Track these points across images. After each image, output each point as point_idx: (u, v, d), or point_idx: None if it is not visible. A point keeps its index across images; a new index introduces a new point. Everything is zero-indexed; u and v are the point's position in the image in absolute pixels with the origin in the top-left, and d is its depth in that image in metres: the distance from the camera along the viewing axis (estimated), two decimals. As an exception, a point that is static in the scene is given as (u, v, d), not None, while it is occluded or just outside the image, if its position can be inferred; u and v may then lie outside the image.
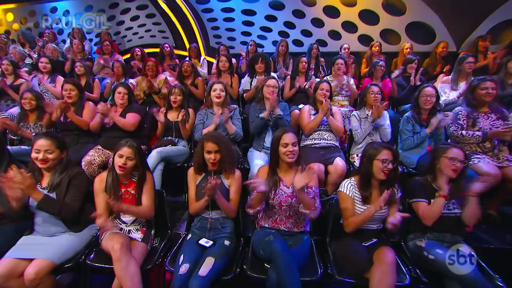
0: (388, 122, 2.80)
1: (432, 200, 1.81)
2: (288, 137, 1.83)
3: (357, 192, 1.85)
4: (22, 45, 5.19)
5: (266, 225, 1.91)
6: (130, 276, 1.56)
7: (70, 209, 1.77)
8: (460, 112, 2.52)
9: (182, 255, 1.70)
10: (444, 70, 4.14)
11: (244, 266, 1.78)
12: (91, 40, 6.01)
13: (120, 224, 1.88)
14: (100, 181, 1.85)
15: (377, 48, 4.59)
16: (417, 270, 1.72)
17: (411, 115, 2.71)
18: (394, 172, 1.77)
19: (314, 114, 2.84)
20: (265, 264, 1.74)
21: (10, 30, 6.56)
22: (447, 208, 1.80)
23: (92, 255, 1.82)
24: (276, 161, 1.89)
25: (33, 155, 1.77)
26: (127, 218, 1.89)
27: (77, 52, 4.63)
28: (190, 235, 1.93)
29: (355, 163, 2.73)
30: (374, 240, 1.83)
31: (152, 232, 1.98)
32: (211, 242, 1.83)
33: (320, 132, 2.77)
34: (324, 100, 2.69)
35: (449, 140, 2.72)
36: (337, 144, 2.80)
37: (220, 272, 1.66)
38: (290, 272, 1.50)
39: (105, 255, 1.75)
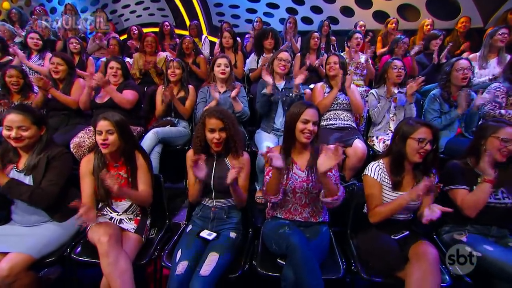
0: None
1: (474, 187, 1.53)
2: (310, 113, 1.54)
3: (386, 176, 1.58)
4: (12, 23, 4.86)
5: (279, 215, 1.66)
6: (120, 273, 1.32)
7: (45, 194, 1.52)
8: (498, 89, 2.21)
9: (180, 250, 1.46)
10: (462, 47, 3.78)
11: (254, 262, 1.54)
12: (86, 19, 5.65)
13: (111, 212, 1.63)
14: (86, 163, 1.60)
15: (393, 25, 4.22)
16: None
17: (438, 93, 2.40)
18: (432, 154, 1.49)
19: (328, 92, 2.54)
20: (278, 260, 1.49)
21: (0, 10, 6.20)
22: (495, 197, 1.52)
23: (78, 248, 1.59)
24: (290, 140, 1.61)
25: (4, 132, 1.50)
26: (118, 206, 1.64)
27: (70, 30, 4.31)
28: (190, 226, 1.68)
29: (374, 146, 2.45)
30: (405, 232, 1.56)
31: (148, 222, 1.73)
32: (214, 234, 1.58)
33: (336, 112, 2.48)
34: (337, 74, 2.42)
35: (481, 121, 2.42)
36: (354, 124, 2.53)
37: (226, 270, 1.41)
38: (311, 271, 1.25)
39: (93, 247, 1.49)
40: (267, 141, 2.24)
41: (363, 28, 4.33)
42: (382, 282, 1.45)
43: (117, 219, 1.61)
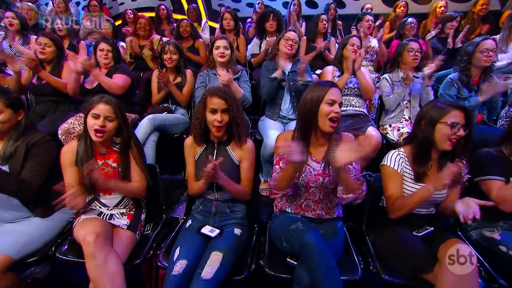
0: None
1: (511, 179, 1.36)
2: (336, 93, 1.32)
3: (408, 166, 1.41)
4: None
5: (289, 210, 1.49)
6: (109, 277, 1.15)
7: (26, 187, 1.34)
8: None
9: (179, 247, 1.29)
10: (482, 31, 3.56)
11: (261, 262, 1.37)
12: (78, 3, 5.37)
13: (100, 207, 1.46)
14: (68, 152, 1.40)
15: (403, 8, 3.98)
16: (490, 269, 1.30)
17: (456, 77, 2.21)
18: (464, 141, 1.31)
19: (339, 76, 2.35)
20: (288, 259, 1.33)
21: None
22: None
23: (65, 246, 1.42)
24: (308, 127, 1.37)
25: None
26: (108, 199, 1.46)
27: (60, 13, 4.04)
28: (190, 221, 1.50)
29: (388, 135, 2.27)
30: (429, 228, 1.40)
31: (143, 216, 1.56)
32: (217, 231, 1.41)
33: (347, 97, 2.30)
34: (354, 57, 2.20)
35: (506, 109, 2.24)
36: (366, 111, 2.35)
37: (230, 270, 1.25)
38: (330, 274, 1.09)
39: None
40: (273, 129, 2.05)
41: (370, 11, 4.09)
42: (405, 284, 1.29)
43: (107, 215, 1.43)
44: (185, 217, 1.66)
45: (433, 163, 1.39)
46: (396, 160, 1.42)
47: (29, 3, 3.76)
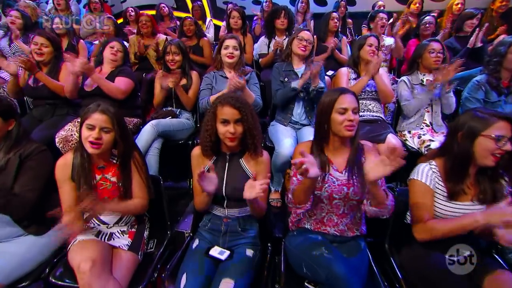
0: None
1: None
2: (347, 100, 1.23)
3: (440, 182, 1.26)
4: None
5: (307, 226, 1.35)
6: (108, 310, 1.02)
7: (22, 203, 1.22)
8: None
9: (185, 274, 1.15)
10: (498, 31, 3.38)
11: (277, 286, 1.24)
12: (79, 1, 5.24)
13: (99, 225, 1.32)
14: (63, 166, 1.26)
15: (417, 5, 3.80)
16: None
17: (484, 79, 2.05)
18: (509, 156, 1.16)
19: (355, 79, 2.20)
20: (306, 284, 1.20)
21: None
22: None
23: (60, 269, 1.28)
24: (324, 135, 1.29)
25: None
26: (108, 216, 1.33)
27: (60, 11, 3.91)
28: (197, 241, 1.36)
29: (407, 142, 2.12)
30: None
31: (146, 233, 1.43)
32: (227, 253, 1.27)
33: (364, 102, 2.15)
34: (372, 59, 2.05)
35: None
36: (383, 116, 2.19)
37: (243, 299, 1.12)
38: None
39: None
40: (286, 137, 1.90)
41: (382, 8, 3.91)
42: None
43: (107, 234, 1.30)
44: (191, 234, 1.53)
45: (469, 180, 1.24)
46: (428, 175, 1.27)
47: (29, 2, 3.63)
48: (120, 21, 4.85)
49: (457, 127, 1.22)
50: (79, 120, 1.97)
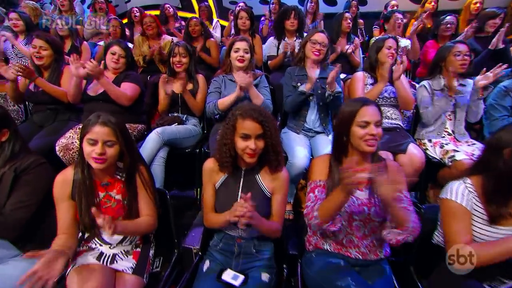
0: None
1: None
2: (369, 112, 1.13)
3: (478, 204, 1.13)
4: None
5: (327, 247, 1.23)
6: None
7: (10, 223, 1.11)
8: None
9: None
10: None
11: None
12: (83, 1, 5.16)
13: (101, 245, 1.22)
14: (62, 183, 1.15)
15: (433, 4, 3.64)
16: None
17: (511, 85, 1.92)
18: None
19: (371, 84, 2.07)
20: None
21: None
22: None
23: (59, 293, 1.19)
24: (342, 148, 1.20)
25: None
26: (112, 236, 1.22)
27: (64, 12, 3.82)
28: (207, 263, 1.25)
29: (428, 152, 1.98)
30: (507, 283, 1.12)
31: (151, 252, 1.32)
32: (241, 278, 1.16)
33: (382, 108, 1.99)
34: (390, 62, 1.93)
35: None
36: (402, 124, 2.06)
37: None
38: None
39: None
40: (299, 146, 1.78)
41: (395, 8, 3.77)
42: None
43: (109, 256, 1.19)
44: (200, 252, 1.41)
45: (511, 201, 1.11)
46: (464, 195, 1.14)
47: (29, 2, 3.55)
48: (124, 21, 4.77)
49: (501, 142, 1.09)
50: (80, 126, 1.90)
